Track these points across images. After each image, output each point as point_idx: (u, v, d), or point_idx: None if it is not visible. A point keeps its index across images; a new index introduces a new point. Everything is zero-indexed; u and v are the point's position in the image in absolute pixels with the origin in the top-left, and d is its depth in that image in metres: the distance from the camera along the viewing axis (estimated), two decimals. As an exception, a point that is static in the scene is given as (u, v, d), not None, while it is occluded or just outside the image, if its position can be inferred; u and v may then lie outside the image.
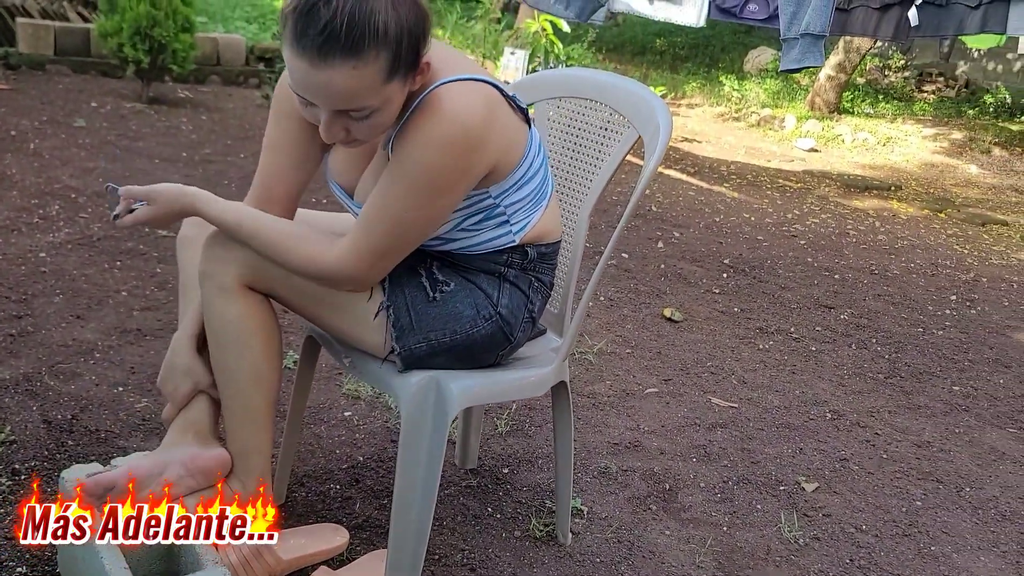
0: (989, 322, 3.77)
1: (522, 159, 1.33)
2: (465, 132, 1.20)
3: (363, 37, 1.09)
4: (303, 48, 1.10)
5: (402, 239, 1.27)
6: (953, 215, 6.32)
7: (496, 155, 1.27)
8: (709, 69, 11.84)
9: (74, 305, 2.45)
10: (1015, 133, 9.58)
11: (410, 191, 1.22)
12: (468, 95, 1.22)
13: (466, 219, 1.34)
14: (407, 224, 1.25)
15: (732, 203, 5.53)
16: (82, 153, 4.01)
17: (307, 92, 1.15)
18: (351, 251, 1.26)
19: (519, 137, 1.32)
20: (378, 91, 1.14)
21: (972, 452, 2.45)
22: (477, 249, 1.37)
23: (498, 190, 1.32)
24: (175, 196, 1.31)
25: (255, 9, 8.18)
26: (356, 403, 2.19)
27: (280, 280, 1.30)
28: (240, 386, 1.32)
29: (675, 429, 2.32)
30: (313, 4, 1.09)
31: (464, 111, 1.20)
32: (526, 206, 1.37)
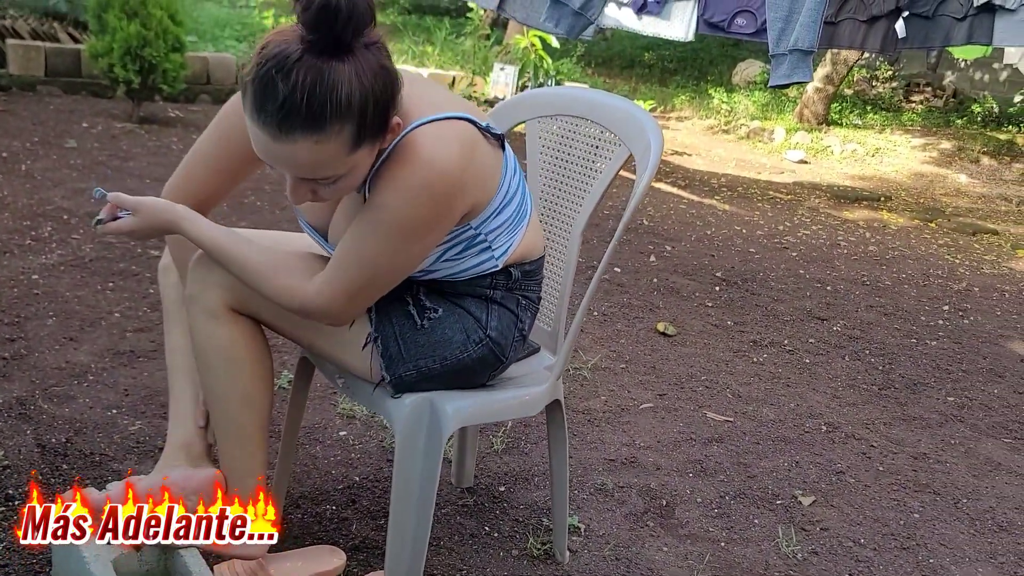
0: (982, 332, 3.79)
1: (500, 187, 1.30)
2: (443, 179, 1.17)
3: (324, 111, 1.05)
4: (263, 122, 1.07)
5: (376, 282, 1.25)
6: (944, 225, 6.36)
7: (474, 195, 1.25)
8: (698, 82, 11.91)
9: (67, 327, 2.44)
10: (1003, 142, 9.65)
11: (386, 238, 1.19)
12: (444, 139, 1.18)
13: (448, 250, 1.32)
14: (382, 268, 1.23)
15: (723, 216, 5.55)
16: (74, 174, 4.00)
17: (270, 161, 1.13)
18: (326, 289, 1.23)
19: (496, 168, 1.29)
20: (343, 160, 1.11)
21: (968, 463, 2.46)
22: (461, 276, 1.36)
23: (478, 221, 1.30)
24: (159, 210, 1.28)
25: (245, 28, 8.20)
26: (351, 422, 2.18)
27: (265, 304, 1.30)
28: (231, 410, 1.32)
29: (671, 444, 2.32)
30: (270, 78, 1.05)
31: (441, 157, 1.16)
32: (506, 230, 1.34)
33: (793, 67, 3.08)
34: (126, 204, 1.28)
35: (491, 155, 1.28)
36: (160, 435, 1.97)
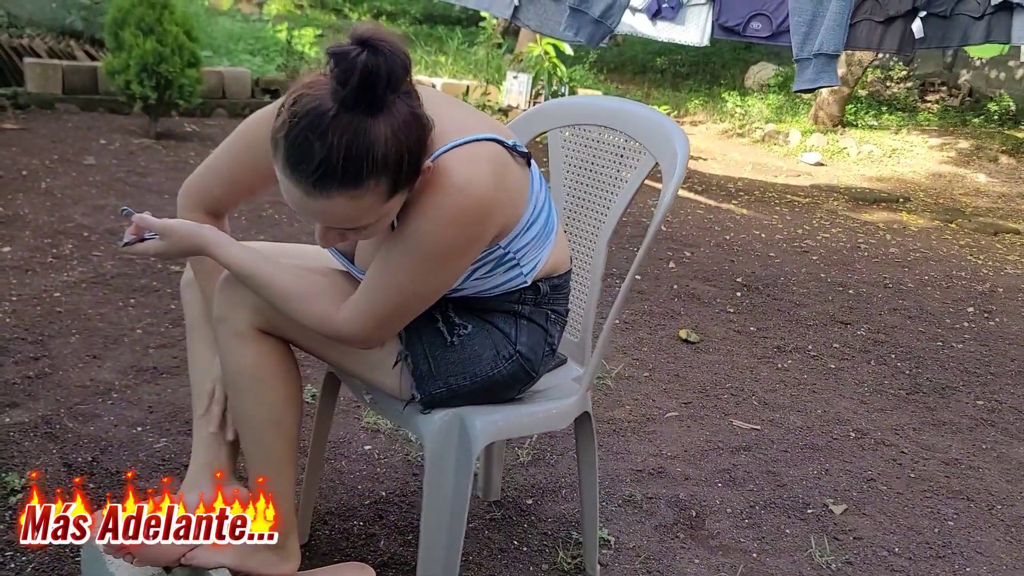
0: (1009, 333, 3.73)
1: (527, 206, 1.29)
2: (475, 204, 1.15)
3: (361, 170, 1.04)
4: (297, 180, 1.06)
5: (407, 308, 1.24)
6: (964, 225, 6.29)
7: (505, 217, 1.23)
8: (711, 86, 11.87)
9: (90, 345, 2.45)
10: (1021, 140, 9.56)
11: (418, 265, 1.18)
12: (475, 163, 1.16)
13: (477, 270, 1.30)
14: (413, 294, 1.22)
15: (741, 220, 5.51)
16: (93, 191, 4.02)
17: (302, 214, 1.11)
18: (357, 316, 1.22)
19: (524, 188, 1.28)
20: (377, 211, 1.11)
21: (1001, 468, 2.41)
22: (490, 293, 1.35)
23: (507, 240, 1.28)
24: (188, 234, 1.26)
25: (258, 42, 8.24)
26: (376, 436, 2.17)
27: (294, 325, 1.28)
28: (260, 432, 1.30)
29: (698, 453, 2.29)
30: (304, 138, 1.03)
31: (473, 182, 1.14)
32: (534, 247, 1.33)
33: (819, 71, 3.06)
34: (154, 227, 1.27)
35: (520, 175, 1.26)
36: (185, 452, 1.96)
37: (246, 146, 1.33)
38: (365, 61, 1.02)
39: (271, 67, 7.09)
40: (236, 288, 1.27)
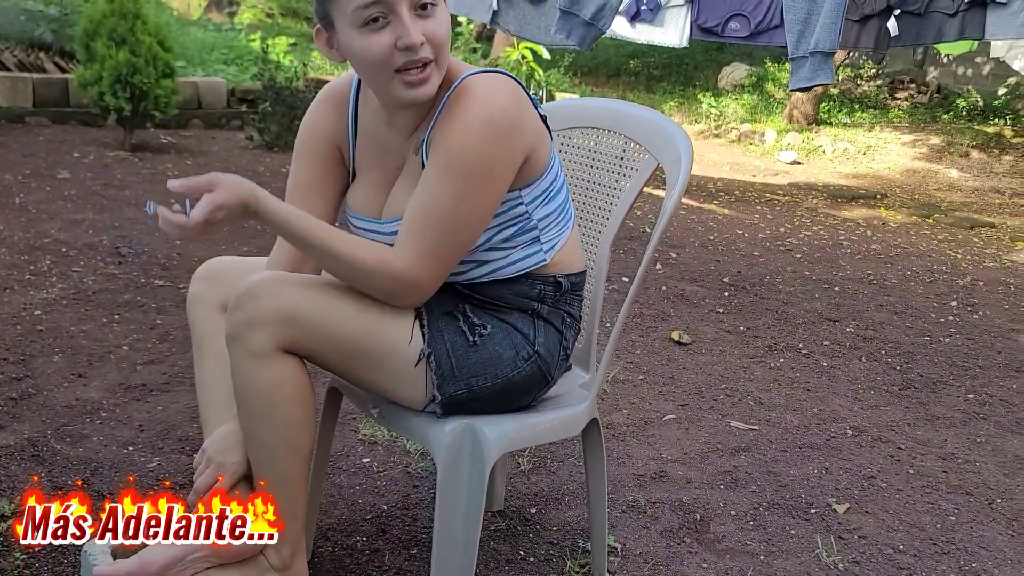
0: (992, 326, 3.77)
1: (549, 165, 1.34)
2: (502, 113, 1.21)
3: None
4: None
5: (456, 236, 1.25)
6: (941, 220, 6.36)
7: (530, 141, 1.28)
8: (684, 87, 11.93)
9: (75, 363, 2.39)
10: (990, 135, 9.70)
11: (457, 183, 1.22)
12: (497, 82, 1.24)
13: (499, 232, 1.31)
14: (460, 219, 1.24)
15: (724, 220, 5.53)
16: (69, 205, 3.95)
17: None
18: (410, 253, 1.24)
19: (545, 136, 1.33)
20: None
21: (997, 461, 2.42)
22: (510, 272, 1.34)
23: (530, 195, 1.32)
24: (237, 180, 1.17)
25: (232, 51, 8.15)
26: (374, 448, 2.13)
27: (318, 335, 1.23)
28: (274, 455, 1.26)
29: (698, 456, 2.28)
30: None
31: (497, 94, 1.22)
32: (555, 222, 1.37)
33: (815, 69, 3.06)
34: (199, 184, 1.14)
35: (537, 121, 1.32)
36: (180, 471, 1.92)
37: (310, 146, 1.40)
38: None
39: (246, 76, 7.02)
40: (253, 305, 1.21)
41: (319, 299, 1.24)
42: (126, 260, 3.27)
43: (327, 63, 8.61)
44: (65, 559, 1.58)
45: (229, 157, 5.55)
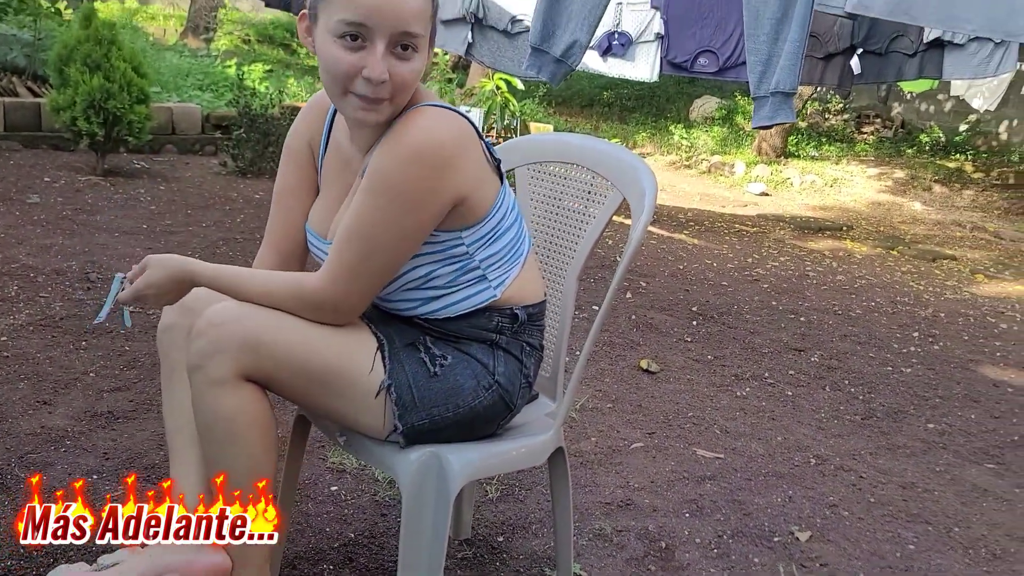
0: (952, 357, 3.85)
1: (494, 206, 1.34)
2: (436, 148, 1.23)
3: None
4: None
5: (372, 258, 1.27)
6: (905, 252, 6.50)
7: (466, 184, 1.28)
8: (657, 119, 12.13)
9: (40, 390, 2.37)
10: (952, 170, 9.95)
11: (378, 203, 1.24)
12: (444, 117, 1.26)
13: (441, 267, 1.33)
14: (376, 240, 1.26)
15: (693, 250, 5.61)
16: (38, 230, 3.92)
17: (372, 9, 1.19)
18: (327, 273, 1.28)
19: (490, 180, 1.34)
20: (427, 23, 1.24)
21: (955, 490, 2.48)
22: (461, 308, 1.36)
23: (471, 238, 1.33)
24: (167, 259, 1.34)
25: (207, 77, 8.15)
26: (342, 476, 2.14)
27: (278, 362, 1.25)
28: (236, 483, 1.27)
29: (664, 484, 2.31)
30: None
31: (438, 129, 1.24)
32: (502, 261, 1.38)
33: (776, 108, 3.15)
34: (136, 271, 1.36)
35: (485, 166, 1.34)
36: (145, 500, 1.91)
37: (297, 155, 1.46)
38: None
39: (221, 102, 7.03)
40: (214, 333, 1.23)
41: (281, 327, 1.26)
42: (95, 286, 3.25)
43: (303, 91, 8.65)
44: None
45: (202, 183, 5.54)
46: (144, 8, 12.91)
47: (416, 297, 1.36)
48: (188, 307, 1.42)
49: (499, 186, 1.37)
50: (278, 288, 1.30)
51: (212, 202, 5.02)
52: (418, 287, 1.35)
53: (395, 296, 1.37)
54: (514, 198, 1.42)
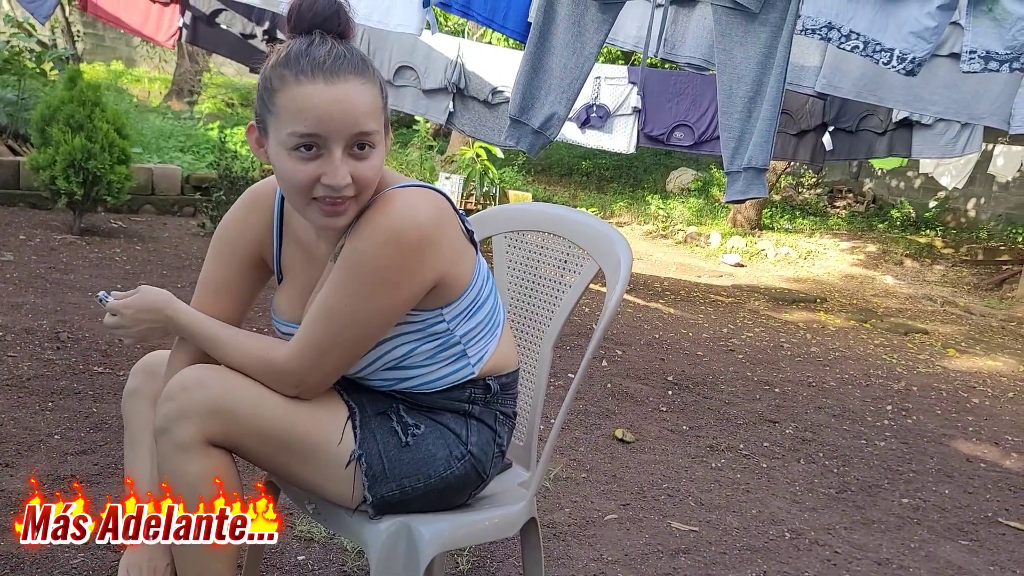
0: (926, 431, 3.87)
1: (472, 280, 1.34)
2: (414, 229, 1.21)
3: (363, 59, 1.22)
4: (316, 68, 1.17)
5: (341, 337, 1.25)
6: (877, 325, 6.58)
7: (444, 264, 1.27)
8: (634, 189, 12.33)
9: (2, 453, 2.31)
10: (923, 245, 10.16)
11: (351, 282, 1.22)
12: (420, 198, 1.25)
13: (421, 344, 1.31)
14: (346, 320, 1.24)
15: (669, 319, 5.65)
16: (10, 288, 3.88)
17: (325, 114, 1.17)
18: (295, 348, 1.26)
19: (467, 254, 1.34)
20: (380, 116, 1.22)
21: (930, 567, 2.46)
22: (437, 386, 1.35)
23: (451, 313, 1.31)
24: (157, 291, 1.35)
25: (189, 139, 8.21)
26: (310, 545, 2.09)
27: (247, 429, 1.24)
28: (197, 550, 1.24)
29: (639, 558, 2.27)
30: (307, 43, 1.19)
31: (414, 210, 1.23)
32: (481, 335, 1.36)
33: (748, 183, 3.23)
34: (118, 299, 1.35)
35: (462, 240, 1.33)
36: (106, 568, 1.85)
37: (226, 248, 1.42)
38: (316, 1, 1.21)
39: (202, 164, 7.06)
40: (181, 397, 1.22)
41: (249, 393, 1.25)
42: (65, 346, 3.21)
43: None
44: None
45: (179, 243, 5.53)
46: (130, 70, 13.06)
47: (393, 376, 1.34)
48: (154, 372, 1.41)
49: (475, 257, 1.37)
50: (250, 352, 1.29)
51: (188, 263, 5.00)
52: (396, 366, 1.33)
53: (373, 376, 1.34)
54: (487, 267, 1.42)
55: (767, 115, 3.10)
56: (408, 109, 6.02)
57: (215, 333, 1.32)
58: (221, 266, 1.41)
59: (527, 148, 3.85)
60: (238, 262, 1.41)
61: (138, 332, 1.35)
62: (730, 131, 3.19)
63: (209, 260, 1.41)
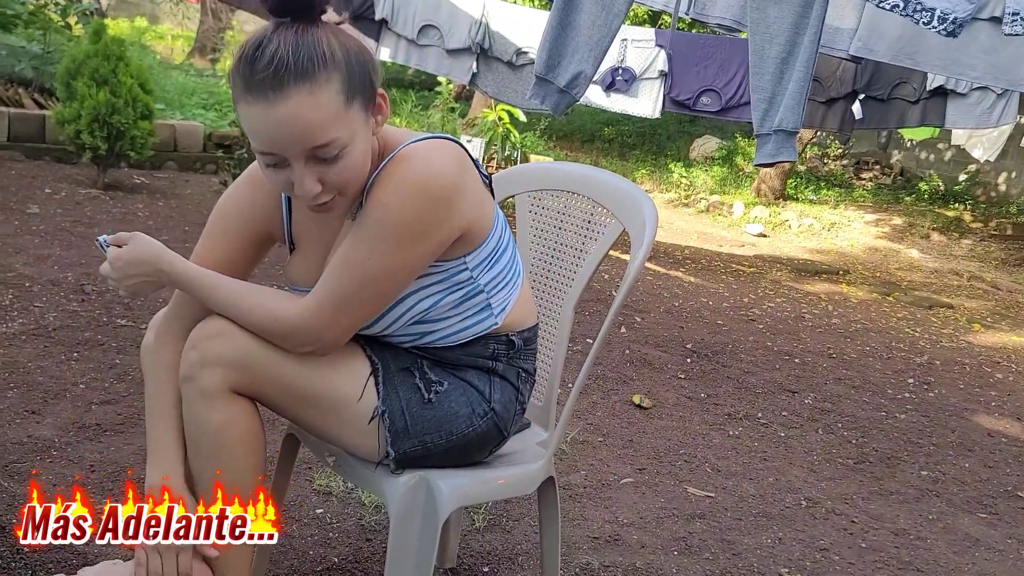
0: (947, 405, 3.84)
1: (492, 228, 1.33)
2: (442, 177, 1.19)
3: (312, 59, 1.10)
4: (257, 88, 1.10)
5: (362, 292, 1.22)
6: (901, 299, 6.51)
7: (470, 211, 1.25)
8: (657, 157, 12.20)
9: (29, 400, 2.35)
10: (951, 219, 10.01)
11: (376, 237, 1.19)
12: (441, 149, 1.22)
13: (445, 296, 1.30)
14: (369, 274, 1.20)
15: (689, 287, 5.62)
16: (36, 240, 3.91)
17: (271, 137, 1.13)
18: (312, 303, 1.22)
19: (488, 202, 1.32)
20: (342, 118, 1.14)
21: (947, 539, 2.45)
22: (462, 338, 1.34)
23: (474, 261, 1.30)
24: (150, 243, 1.29)
25: (212, 96, 8.21)
26: (328, 499, 2.11)
27: (270, 380, 1.24)
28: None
29: (654, 521, 2.28)
30: (256, 45, 1.11)
31: (438, 160, 1.20)
32: (503, 285, 1.36)
33: (778, 147, 3.17)
34: (122, 239, 1.30)
35: (481, 187, 1.31)
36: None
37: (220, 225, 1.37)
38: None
39: (224, 122, 7.06)
40: (205, 346, 1.23)
41: (272, 346, 1.24)
42: (89, 298, 3.24)
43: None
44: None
45: (201, 200, 5.55)
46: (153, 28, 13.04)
47: (417, 331, 1.32)
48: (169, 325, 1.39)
49: (493, 204, 1.35)
50: (259, 308, 1.23)
51: (211, 220, 5.02)
52: (420, 320, 1.31)
53: (397, 332, 1.32)
54: (503, 216, 1.40)
55: (799, 77, 3.03)
56: (431, 69, 5.97)
57: (217, 287, 1.26)
58: (221, 244, 1.36)
59: (552, 107, 3.80)
60: (241, 240, 1.36)
61: (130, 286, 1.29)
62: (761, 92, 3.12)
63: (206, 238, 1.36)
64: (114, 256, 1.28)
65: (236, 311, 1.24)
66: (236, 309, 1.24)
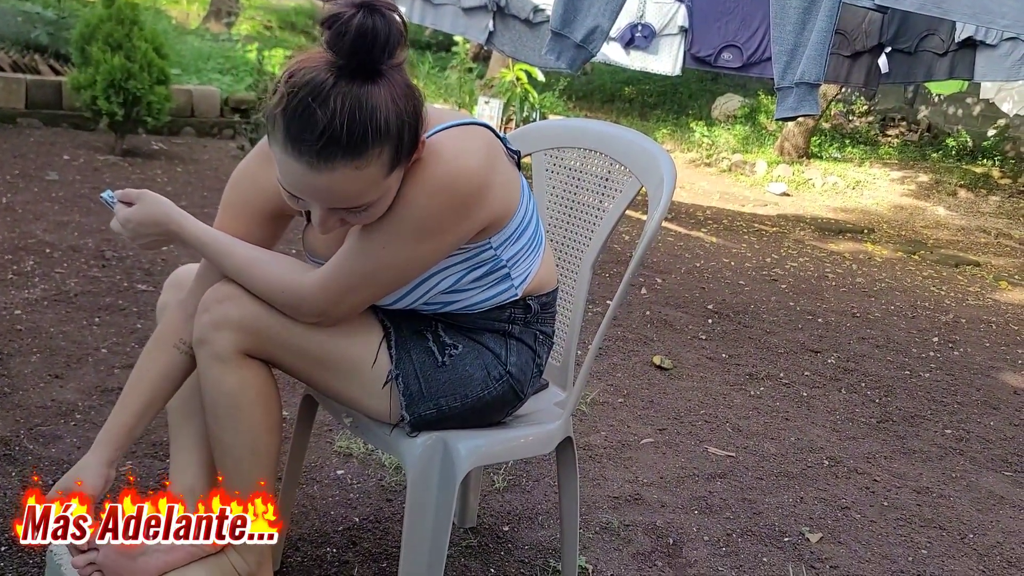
0: (972, 363, 3.79)
1: (518, 208, 1.29)
2: (468, 177, 1.15)
3: (365, 137, 1.04)
4: (300, 152, 1.04)
5: (374, 277, 1.20)
6: (927, 257, 6.42)
7: (496, 205, 1.22)
8: (678, 116, 12.02)
9: (52, 364, 2.37)
10: (979, 176, 9.81)
11: (395, 230, 1.16)
12: (469, 140, 1.19)
13: (468, 274, 1.28)
14: (383, 263, 1.19)
15: (711, 248, 5.56)
16: (56, 207, 3.93)
17: (303, 194, 1.10)
18: (324, 279, 1.20)
19: (515, 184, 1.28)
20: (379, 185, 1.10)
21: (971, 497, 2.43)
22: (480, 308, 1.32)
23: (499, 240, 1.27)
24: (158, 202, 1.28)
25: (228, 61, 8.16)
26: (349, 461, 2.12)
27: (281, 345, 1.23)
28: (237, 460, 1.25)
29: (674, 480, 2.28)
30: (307, 105, 1.03)
31: (466, 155, 1.16)
32: (525, 257, 1.33)
33: (800, 100, 3.10)
34: (130, 195, 1.29)
35: (510, 169, 1.28)
36: (151, 476, 1.90)
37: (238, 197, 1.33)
38: (361, 22, 1.01)
39: (241, 87, 7.03)
40: (217, 309, 1.22)
41: None
42: (110, 264, 3.26)
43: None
44: (31, 559, 1.56)
45: (219, 166, 5.55)
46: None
47: (438, 301, 1.30)
48: (184, 285, 1.39)
49: (520, 181, 1.31)
50: (270, 275, 1.21)
51: (230, 185, 5.03)
52: (441, 293, 1.29)
53: (417, 306, 1.30)
54: (529, 188, 1.37)
55: (822, 27, 2.94)
56: (447, 28, 5.88)
57: (227, 252, 1.24)
58: (238, 218, 1.32)
59: (567, 63, 3.72)
60: (256, 215, 1.32)
61: (144, 244, 1.30)
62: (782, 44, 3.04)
63: (223, 212, 1.33)
64: (124, 217, 1.28)
65: (247, 277, 1.23)
66: (247, 276, 1.23)
